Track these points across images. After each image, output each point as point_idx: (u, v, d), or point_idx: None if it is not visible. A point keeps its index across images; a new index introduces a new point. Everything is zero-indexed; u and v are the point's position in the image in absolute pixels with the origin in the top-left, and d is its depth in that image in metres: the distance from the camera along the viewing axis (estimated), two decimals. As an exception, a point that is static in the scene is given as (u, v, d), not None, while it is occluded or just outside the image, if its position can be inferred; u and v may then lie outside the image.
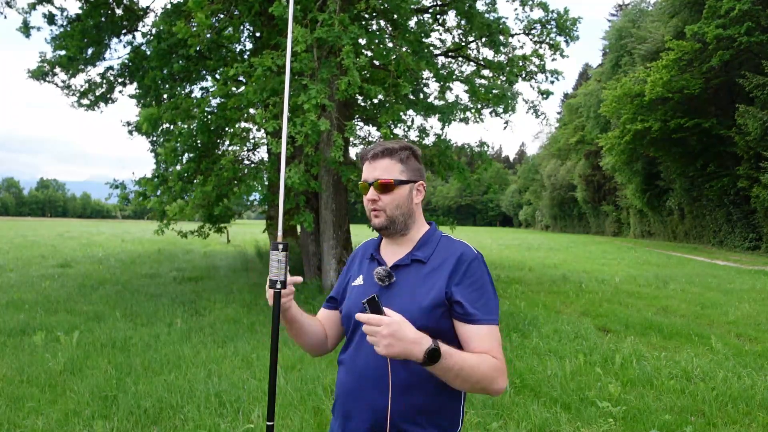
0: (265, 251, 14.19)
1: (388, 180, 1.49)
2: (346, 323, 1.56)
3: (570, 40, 9.63)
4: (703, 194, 25.82)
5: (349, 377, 1.48)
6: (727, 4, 19.43)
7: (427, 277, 1.46)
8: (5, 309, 7.16)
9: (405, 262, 1.49)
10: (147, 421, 3.58)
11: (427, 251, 1.50)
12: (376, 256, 1.56)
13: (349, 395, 1.47)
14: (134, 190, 8.66)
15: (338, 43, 6.33)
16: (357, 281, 1.57)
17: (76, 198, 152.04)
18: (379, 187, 1.48)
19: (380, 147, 1.53)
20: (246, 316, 6.94)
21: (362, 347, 1.45)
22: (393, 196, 1.49)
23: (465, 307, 1.40)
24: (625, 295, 9.40)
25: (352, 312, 1.49)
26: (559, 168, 55.10)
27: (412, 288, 1.45)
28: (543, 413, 3.75)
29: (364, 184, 1.52)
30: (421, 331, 1.30)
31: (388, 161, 1.50)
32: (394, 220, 1.50)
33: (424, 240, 1.53)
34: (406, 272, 1.48)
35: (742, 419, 3.76)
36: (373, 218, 1.51)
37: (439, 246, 1.51)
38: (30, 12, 9.81)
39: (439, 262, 1.47)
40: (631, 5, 40.88)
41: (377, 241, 1.63)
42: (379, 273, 1.48)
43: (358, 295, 1.50)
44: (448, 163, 8.32)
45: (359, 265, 1.62)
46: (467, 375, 1.32)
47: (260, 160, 10.01)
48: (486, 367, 1.35)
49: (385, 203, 1.48)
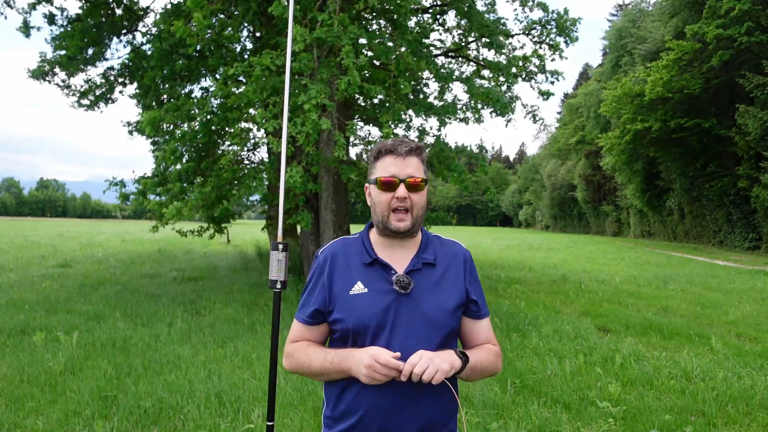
0: (265, 251, 14.19)
1: (420, 178, 1.42)
2: (356, 338, 1.41)
3: (570, 41, 9.63)
4: (703, 194, 25.82)
5: (382, 395, 1.38)
6: (727, 4, 19.43)
7: (442, 279, 1.46)
8: (5, 309, 7.16)
9: (417, 266, 1.45)
10: (147, 421, 3.58)
11: (432, 253, 1.49)
12: (381, 261, 1.45)
13: (387, 413, 1.38)
14: (134, 189, 8.65)
15: (338, 43, 6.32)
16: (356, 289, 1.43)
17: (76, 198, 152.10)
18: (411, 186, 1.41)
19: (410, 143, 1.45)
20: (246, 316, 6.93)
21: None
22: (420, 196, 1.44)
23: (479, 305, 1.50)
24: (625, 295, 9.40)
25: (365, 323, 1.39)
26: (559, 168, 55.10)
27: (431, 291, 1.43)
28: (543, 413, 3.75)
29: (392, 180, 1.40)
30: (446, 331, 1.42)
31: (418, 160, 1.44)
32: (416, 222, 1.44)
33: (425, 242, 1.51)
34: (420, 276, 1.44)
35: (742, 419, 3.76)
36: (395, 221, 1.41)
37: (438, 247, 1.52)
38: (30, 12, 9.82)
39: (447, 262, 1.49)
40: (631, 5, 40.88)
41: (364, 242, 1.50)
42: (402, 281, 1.40)
43: (367, 304, 1.40)
44: (447, 164, 8.32)
45: (347, 270, 1.46)
46: (484, 367, 1.45)
47: (260, 160, 10.00)
48: (493, 356, 1.49)
49: (413, 203, 1.42)
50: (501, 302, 8.26)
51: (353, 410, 1.41)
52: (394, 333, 1.39)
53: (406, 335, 1.39)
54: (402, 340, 1.38)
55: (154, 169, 9.25)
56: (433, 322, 1.38)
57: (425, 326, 1.39)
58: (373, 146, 1.64)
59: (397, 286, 1.40)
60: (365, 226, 1.56)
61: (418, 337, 1.38)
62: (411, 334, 1.39)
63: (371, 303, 1.40)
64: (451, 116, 8.19)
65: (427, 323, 1.39)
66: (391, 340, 1.38)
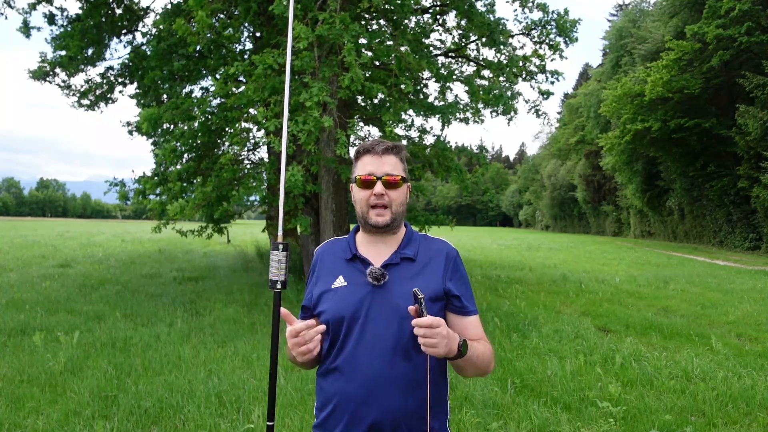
0: (265, 251, 14.19)
1: (397, 176, 1.48)
2: (335, 328, 1.46)
3: (569, 41, 9.62)
4: (703, 194, 25.82)
5: (353, 383, 1.42)
6: (727, 4, 19.43)
7: (420, 273, 1.49)
8: (5, 309, 7.16)
9: (395, 260, 1.49)
10: (147, 421, 3.58)
11: (413, 249, 1.52)
12: (360, 256, 1.51)
13: (357, 401, 1.41)
14: (134, 188, 8.65)
15: (339, 41, 6.32)
16: (337, 283, 1.49)
17: (76, 198, 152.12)
18: (388, 183, 1.47)
19: (387, 143, 1.51)
20: (246, 316, 6.93)
21: (359, 351, 1.42)
22: (399, 192, 1.49)
23: (462, 301, 1.51)
24: (625, 295, 9.40)
25: (341, 314, 1.44)
26: (559, 168, 55.12)
27: (406, 284, 1.44)
28: (543, 413, 3.75)
29: (370, 177, 1.47)
30: None
31: (395, 158, 1.50)
32: (396, 218, 1.50)
33: (407, 239, 1.55)
34: (397, 270, 1.48)
35: (742, 419, 3.76)
36: (374, 216, 1.47)
37: (421, 244, 1.55)
38: (30, 12, 9.82)
39: (428, 258, 1.52)
40: (631, 5, 40.89)
41: (349, 240, 1.57)
42: (375, 272, 1.44)
43: (344, 296, 1.46)
44: (446, 165, 8.32)
45: (332, 266, 1.54)
46: (479, 361, 1.44)
47: (260, 160, 10.00)
48: (489, 353, 1.49)
49: (391, 199, 1.48)
50: (501, 302, 8.25)
51: (329, 399, 1.46)
52: (367, 323, 1.43)
53: (377, 324, 1.42)
54: (374, 329, 1.42)
55: (154, 168, 9.25)
56: (404, 312, 1.39)
57: (397, 316, 1.42)
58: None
59: (370, 277, 1.44)
60: (354, 227, 1.64)
61: (391, 327, 1.42)
62: (382, 324, 1.42)
63: (348, 294, 1.46)
64: (453, 116, 8.19)
65: (399, 313, 1.41)
66: (364, 329, 1.42)
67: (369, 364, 1.41)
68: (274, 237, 11.27)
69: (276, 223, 6.30)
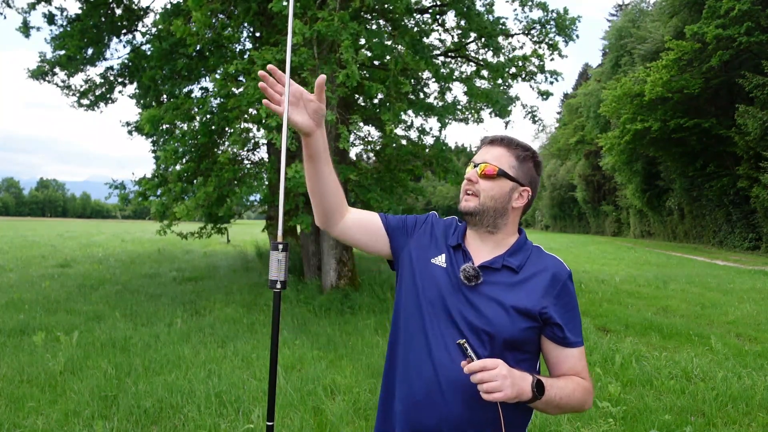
0: (265, 251, 14.19)
1: (494, 167, 1.39)
2: (413, 302, 1.40)
3: (569, 40, 9.61)
4: (703, 194, 25.83)
5: (418, 384, 1.34)
6: (726, 4, 19.44)
7: (517, 286, 1.36)
8: (5, 309, 7.15)
9: (495, 265, 1.38)
10: (147, 421, 3.58)
11: (519, 260, 1.40)
12: (464, 248, 1.43)
13: (415, 403, 1.34)
14: (134, 190, 8.65)
15: (337, 38, 6.32)
16: (439, 260, 1.42)
17: (75, 198, 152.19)
18: (482, 171, 1.40)
19: (503, 136, 1.45)
20: (246, 316, 6.93)
21: (432, 352, 1.34)
22: (492, 185, 1.39)
23: (564, 331, 1.35)
24: (625, 295, 9.40)
25: (433, 292, 1.38)
26: (559, 168, 55.15)
27: (499, 294, 1.34)
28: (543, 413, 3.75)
29: (471, 164, 1.44)
30: (503, 337, 1.30)
31: (504, 151, 1.42)
32: (484, 210, 1.40)
33: (517, 247, 1.42)
34: (494, 276, 1.37)
35: (742, 419, 3.76)
36: (463, 200, 1.42)
37: (531, 257, 1.42)
38: (30, 12, 9.81)
39: (531, 273, 1.38)
40: (631, 5, 40.88)
41: (463, 228, 1.49)
42: (468, 271, 1.35)
43: (442, 278, 1.39)
44: (445, 165, 8.32)
45: (440, 240, 1.47)
46: (565, 403, 1.30)
47: (260, 159, 10.00)
48: (580, 392, 1.34)
49: (481, 188, 1.40)
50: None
51: (391, 395, 1.43)
52: (441, 317, 1.36)
53: (451, 324, 1.34)
54: (445, 328, 1.35)
55: (155, 170, 9.25)
56: (486, 320, 1.31)
57: (475, 321, 1.33)
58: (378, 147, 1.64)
59: (462, 275, 1.35)
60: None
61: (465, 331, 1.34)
62: (457, 325, 1.34)
63: (441, 277, 1.39)
64: (451, 116, 8.19)
65: (480, 319, 1.32)
66: (438, 322, 1.36)
67: (440, 365, 1.32)
68: (273, 237, 11.28)
69: (276, 223, 6.30)
